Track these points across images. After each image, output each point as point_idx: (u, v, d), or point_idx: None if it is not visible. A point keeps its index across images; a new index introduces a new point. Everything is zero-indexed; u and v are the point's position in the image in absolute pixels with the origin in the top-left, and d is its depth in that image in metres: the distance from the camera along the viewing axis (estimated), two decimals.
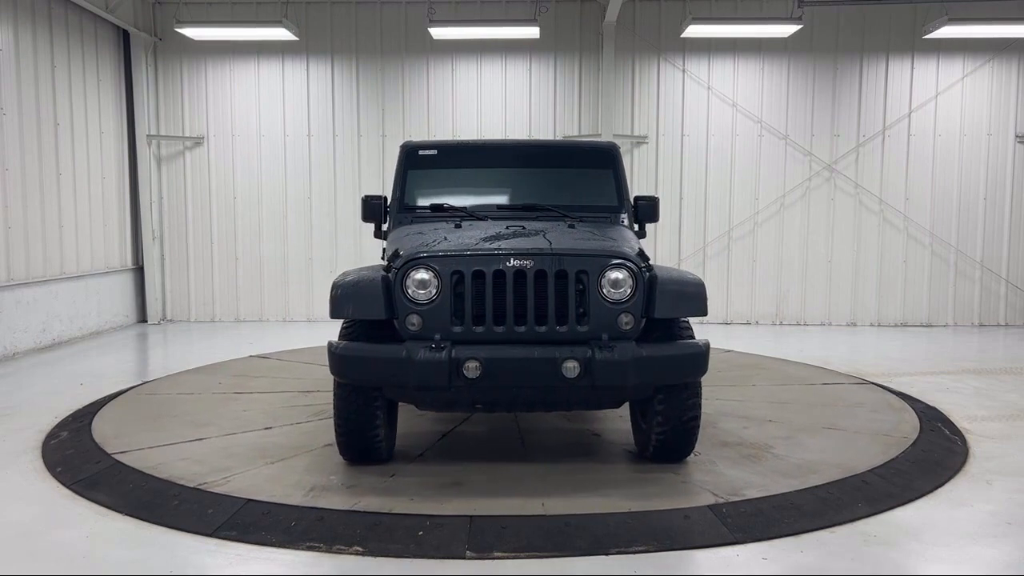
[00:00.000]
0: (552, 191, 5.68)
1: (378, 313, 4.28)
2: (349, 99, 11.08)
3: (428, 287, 4.27)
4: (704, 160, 11.05)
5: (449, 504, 4.20)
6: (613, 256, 4.37)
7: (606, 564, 3.62)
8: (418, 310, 4.25)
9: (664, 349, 4.36)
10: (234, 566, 3.61)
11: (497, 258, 4.27)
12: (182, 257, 11.32)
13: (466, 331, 4.25)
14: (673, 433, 4.66)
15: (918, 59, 10.89)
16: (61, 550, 3.76)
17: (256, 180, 11.19)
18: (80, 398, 6.58)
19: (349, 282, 4.43)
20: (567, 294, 4.29)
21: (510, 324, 4.26)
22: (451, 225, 5.05)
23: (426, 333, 4.23)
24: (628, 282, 4.33)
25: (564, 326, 4.28)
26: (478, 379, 4.10)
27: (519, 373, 4.16)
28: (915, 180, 11.02)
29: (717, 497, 4.30)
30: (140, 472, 4.68)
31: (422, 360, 4.08)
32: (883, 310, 11.15)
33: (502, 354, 4.15)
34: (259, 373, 7.40)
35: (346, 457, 4.78)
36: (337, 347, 4.27)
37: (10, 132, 8.60)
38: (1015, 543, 3.88)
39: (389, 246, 5.14)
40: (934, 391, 6.98)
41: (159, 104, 11.13)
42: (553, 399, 4.46)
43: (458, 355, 4.10)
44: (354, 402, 4.47)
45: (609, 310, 4.30)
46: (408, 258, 4.32)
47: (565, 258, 4.31)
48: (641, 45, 10.93)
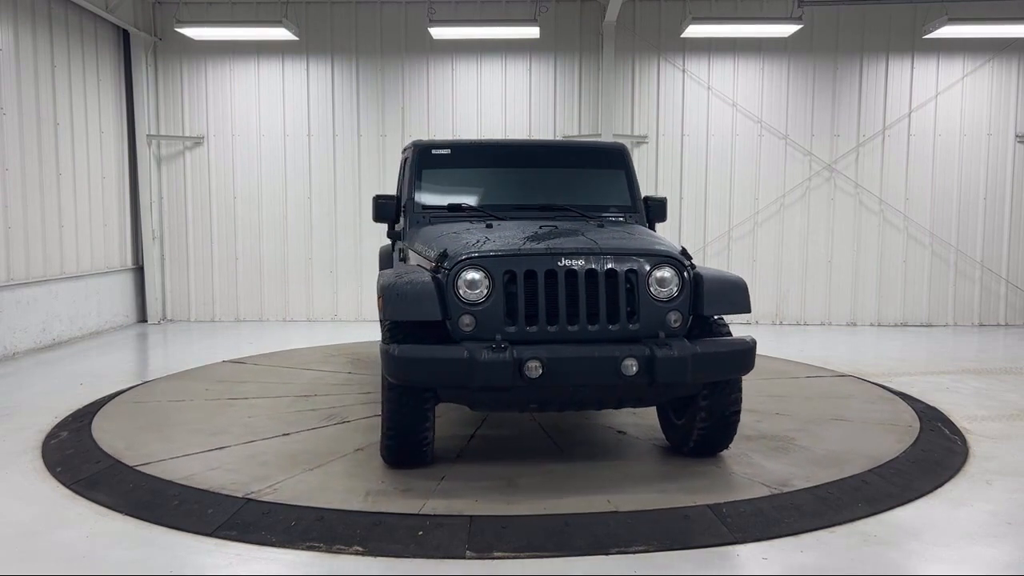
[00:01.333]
0: (565, 191, 5.72)
1: (433, 314, 4.24)
2: (349, 99, 11.08)
3: (480, 287, 4.27)
4: (704, 160, 11.05)
5: (520, 504, 4.18)
6: (660, 255, 4.45)
7: (606, 564, 3.62)
8: (471, 310, 4.25)
9: (717, 346, 4.39)
10: (234, 566, 3.61)
11: (549, 258, 4.31)
12: (182, 257, 11.32)
13: (519, 331, 4.26)
14: (715, 427, 4.73)
15: (918, 59, 10.89)
16: (61, 550, 3.76)
17: (256, 180, 11.19)
18: (80, 398, 6.58)
19: (402, 283, 4.35)
20: (617, 293, 4.33)
21: (563, 323, 4.28)
22: (482, 224, 5.05)
23: (479, 333, 4.23)
24: (675, 280, 4.42)
25: (615, 324, 4.33)
26: (539, 378, 4.09)
27: (579, 372, 4.16)
28: (915, 180, 11.02)
29: (771, 488, 4.42)
30: (142, 473, 4.67)
31: (486, 360, 4.05)
32: (883, 310, 11.15)
33: (563, 353, 4.14)
34: (242, 378, 7.18)
35: (391, 461, 4.68)
36: (395, 349, 4.14)
37: (10, 132, 8.60)
38: (1015, 543, 3.88)
39: (417, 246, 5.08)
40: (934, 391, 6.98)
41: (159, 104, 11.13)
42: (609, 397, 4.47)
43: (520, 355, 4.08)
44: (406, 404, 4.38)
45: (658, 308, 4.38)
46: (460, 258, 4.29)
47: (615, 257, 4.37)
48: (641, 45, 10.93)
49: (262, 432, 5.47)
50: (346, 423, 5.68)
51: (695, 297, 4.45)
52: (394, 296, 4.27)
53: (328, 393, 6.51)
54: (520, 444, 5.32)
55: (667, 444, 5.21)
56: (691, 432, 4.81)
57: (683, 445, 4.95)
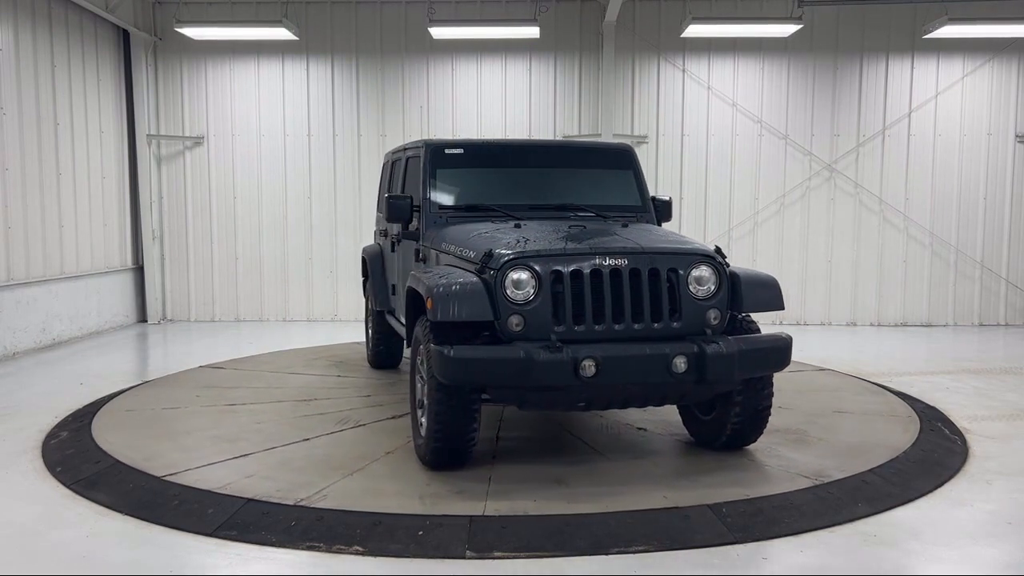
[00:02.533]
0: (577, 191, 5.79)
1: (485, 315, 4.25)
2: (349, 99, 11.08)
3: (527, 287, 4.30)
4: (704, 160, 11.04)
5: (587, 503, 4.18)
6: (699, 253, 4.55)
7: (606, 564, 3.62)
8: (520, 310, 4.28)
9: (759, 342, 4.49)
10: (234, 566, 3.61)
11: (593, 257, 4.37)
12: (182, 257, 11.32)
13: (568, 330, 4.29)
14: (749, 422, 4.84)
15: (918, 59, 10.89)
16: (61, 550, 3.76)
17: (256, 180, 11.19)
18: (80, 398, 6.58)
19: (450, 284, 4.33)
20: (660, 292, 4.42)
21: (609, 322, 4.34)
22: (508, 224, 5.08)
23: (529, 333, 4.26)
24: (713, 279, 4.52)
25: (659, 323, 4.40)
26: (593, 377, 4.13)
27: (632, 370, 4.21)
28: (915, 180, 11.02)
29: (813, 480, 4.54)
30: (143, 473, 4.66)
31: (545, 360, 4.07)
32: (883, 310, 11.15)
33: (616, 352, 4.18)
34: (230, 383, 6.94)
35: (433, 463, 4.62)
36: (451, 350, 4.11)
37: (10, 132, 8.60)
38: (1015, 543, 3.88)
39: (446, 246, 5.06)
40: (934, 391, 6.98)
41: (159, 104, 11.13)
42: (656, 395, 4.50)
43: (576, 354, 4.11)
44: (455, 405, 4.36)
45: (698, 306, 4.47)
46: (508, 258, 4.32)
47: (657, 256, 4.45)
48: (641, 45, 10.93)
49: (279, 438, 5.32)
50: (362, 426, 5.61)
51: (732, 295, 4.57)
52: (444, 296, 4.26)
53: (328, 397, 6.45)
54: (548, 444, 5.31)
55: (689, 439, 5.30)
56: (724, 427, 4.89)
57: (714, 440, 5.04)
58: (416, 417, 4.89)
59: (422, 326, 4.59)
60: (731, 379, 4.39)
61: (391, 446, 5.16)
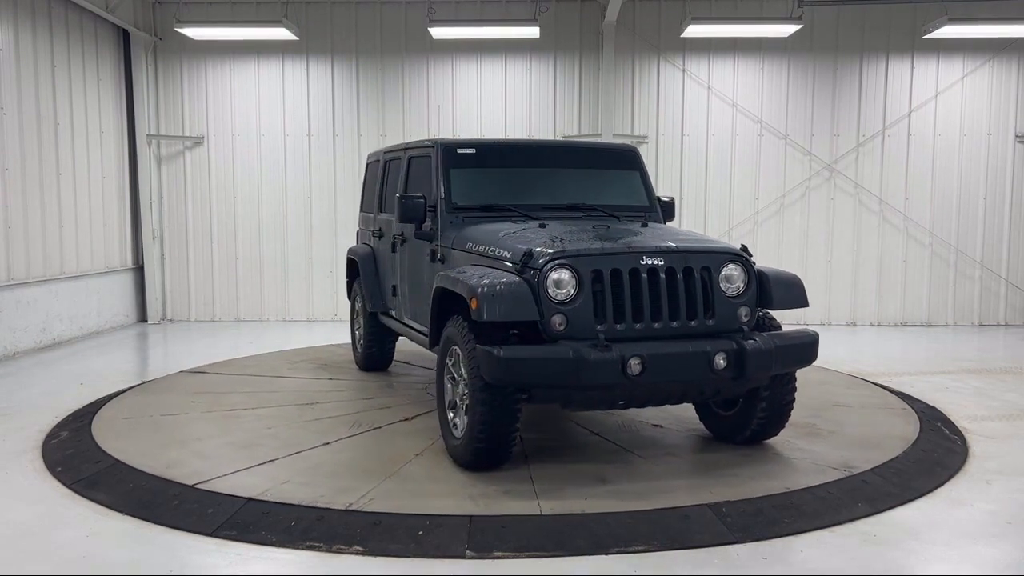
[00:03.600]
0: (587, 191, 5.84)
1: (531, 314, 4.28)
2: (349, 99, 11.08)
3: (568, 287, 4.34)
4: (704, 160, 11.04)
5: (635, 500, 4.22)
6: (728, 252, 4.66)
7: (606, 564, 3.62)
8: (562, 310, 4.31)
9: (792, 338, 4.60)
10: (234, 566, 3.61)
11: (632, 256, 4.44)
12: (182, 257, 11.32)
13: (609, 329, 4.33)
14: (774, 416, 4.95)
15: (918, 59, 10.89)
16: (61, 550, 3.76)
17: (256, 180, 11.19)
18: (80, 398, 6.58)
19: (494, 284, 4.33)
20: (695, 290, 4.50)
21: (648, 321, 4.40)
22: (533, 224, 5.12)
23: (571, 332, 4.29)
24: (742, 277, 4.63)
25: (694, 320, 4.49)
26: (639, 375, 4.18)
27: (676, 368, 4.28)
28: (915, 180, 11.02)
29: (844, 471, 4.66)
30: (143, 473, 4.66)
31: (596, 360, 4.10)
32: (883, 310, 11.15)
33: (661, 350, 4.25)
34: (221, 388, 6.71)
35: (474, 463, 4.60)
36: (501, 350, 4.12)
37: (10, 132, 8.60)
38: (1015, 543, 3.89)
39: (472, 245, 5.05)
40: (934, 391, 6.98)
41: (159, 104, 11.13)
42: (694, 392, 4.59)
43: (623, 353, 4.15)
44: (500, 405, 4.36)
45: (730, 304, 4.58)
46: (550, 258, 4.34)
47: (690, 255, 4.55)
48: (641, 45, 10.93)
49: (298, 443, 5.19)
50: (377, 429, 5.52)
51: (760, 293, 4.68)
52: (490, 297, 4.26)
53: (329, 400, 6.34)
54: (572, 443, 5.31)
55: (706, 434, 5.40)
56: (749, 422, 4.99)
57: (736, 435, 5.13)
58: (446, 418, 4.87)
59: (457, 327, 4.58)
60: (768, 374, 4.53)
61: (417, 448, 5.11)
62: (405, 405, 6.19)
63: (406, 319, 6.35)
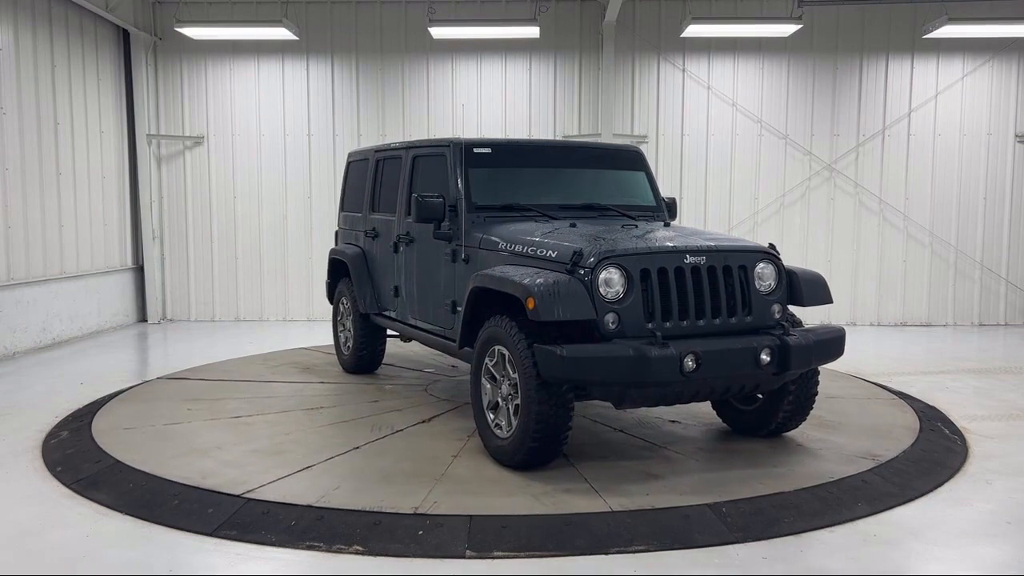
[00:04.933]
0: (598, 191, 5.93)
1: (588, 313, 4.31)
2: (349, 99, 11.08)
3: (618, 286, 4.40)
4: (704, 160, 11.04)
5: (700, 495, 4.29)
6: (760, 251, 4.81)
7: (606, 563, 3.62)
8: (613, 308, 4.37)
9: (824, 333, 4.76)
10: (234, 566, 3.61)
11: (677, 255, 4.53)
12: (182, 257, 11.32)
13: (658, 326, 4.41)
14: (799, 408, 5.12)
15: (918, 59, 10.89)
16: (61, 550, 3.76)
17: (256, 179, 11.18)
18: (80, 397, 6.58)
19: (550, 284, 4.34)
20: (734, 287, 4.63)
21: (693, 318, 4.50)
22: (563, 223, 5.18)
23: (624, 331, 4.36)
24: (774, 275, 4.79)
25: (734, 317, 4.61)
26: (693, 372, 4.26)
27: (726, 364, 4.38)
28: (915, 180, 11.02)
29: (873, 460, 4.86)
30: (143, 473, 4.66)
31: (657, 357, 4.16)
32: (883, 309, 11.15)
33: (713, 347, 4.35)
34: (213, 395, 6.45)
35: (525, 462, 4.59)
36: (563, 350, 4.17)
37: (10, 132, 8.60)
38: (1015, 542, 3.89)
39: (507, 244, 5.03)
40: (934, 391, 6.98)
41: (159, 104, 11.13)
42: (737, 387, 4.67)
43: (680, 350, 4.23)
44: (556, 404, 4.40)
45: (765, 301, 4.72)
46: (602, 257, 4.40)
47: (729, 254, 4.67)
48: (641, 45, 10.93)
49: (327, 448, 5.05)
50: (400, 432, 5.43)
51: (790, 290, 4.85)
52: (548, 296, 4.28)
53: (333, 405, 6.19)
54: (602, 439, 5.31)
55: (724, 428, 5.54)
56: (774, 415, 5.13)
57: (760, 428, 5.27)
58: (486, 419, 4.85)
59: (503, 326, 4.59)
60: (807, 368, 4.70)
61: (451, 450, 5.06)
62: (415, 407, 6.11)
63: (412, 320, 6.27)
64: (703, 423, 5.70)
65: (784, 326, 4.67)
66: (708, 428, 5.60)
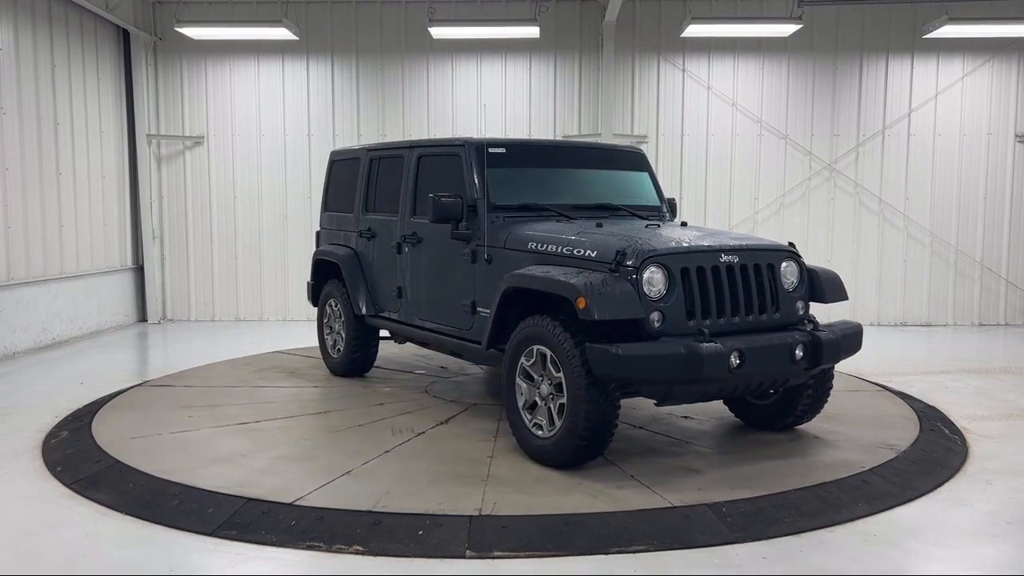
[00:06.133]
0: (607, 191, 5.99)
1: (637, 312, 4.37)
2: (349, 99, 11.08)
3: (661, 284, 4.49)
4: (704, 160, 11.04)
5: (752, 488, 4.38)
6: (784, 249, 4.97)
7: (606, 563, 3.62)
8: (658, 307, 4.45)
9: (849, 329, 4.97)
10: (234, 566, 3.61)
11: (713, 254, 4.64)
12: (182, 256, 11.31)
13: (698, 324, 4.51)
14: (816, 402, 5.28)
15: (918, 59, 10.89)
16: (61, 550, 3.76)
17: (256, 179, 11.18)
18: (80, 397, 6.58)
19: (603, 283, 4.38)
20: (763, 285, 4.77)
21: (729, 316, 4.61)
22: (589, 223, 5.24)
23: (667, 329, 4.44)
24: (796, 273, 4.95)
25: (764, 314, 4.74)
26: (737, 368, 4.37)
27: (766, 360, 4.51)
28: (915, 180, 11.02)
29: (894, 450, 5.06)
30: (143, 473, 4.64)
31: (709, 354, 4.24)
32: (883, 309, 11.15)
33: (755, 343, 4.47)
34: (209, 402, 6.22)
35: (572, 460, 4.60)
36: (619, 348, 4.22)
37: (10, 132, 8.59)
38: (1015, 542, 3.89)
39: (537, 245, 5.04)
40: (934, 390, 6.98)
41: (159, 103, 11.13)
42: (770, 382, 4.80)
43: (727, 347, 4.33)
44: (604, 402, 4.44)
45: (790, 298, 4.87)
46: (646, 257, 4.48)
47: (758, 252, 4.81)
48: (641, 45, 10.93)
49: (357, 453, 4.94)
50: (423, 435, 5.37)
51: (811, 287, 5.01)
52: (600, 296, 4.33)
53: (340, 408, 6.05)
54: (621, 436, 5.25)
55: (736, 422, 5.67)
56: (793, 409, 5.27)
57: (776, 422, 5.41)
58: (523, 419, 4.85)
59: (544, 325, 4.60)
60: (835, 363, 4.90)
61: (483, 450, 5.04)
62: (423, 409, 6.02)
63: (419, 321, 6.16)
64: (715, 418, 5.79)
65: (814, 322, 4.84)
66: (721, 423, 5.70)
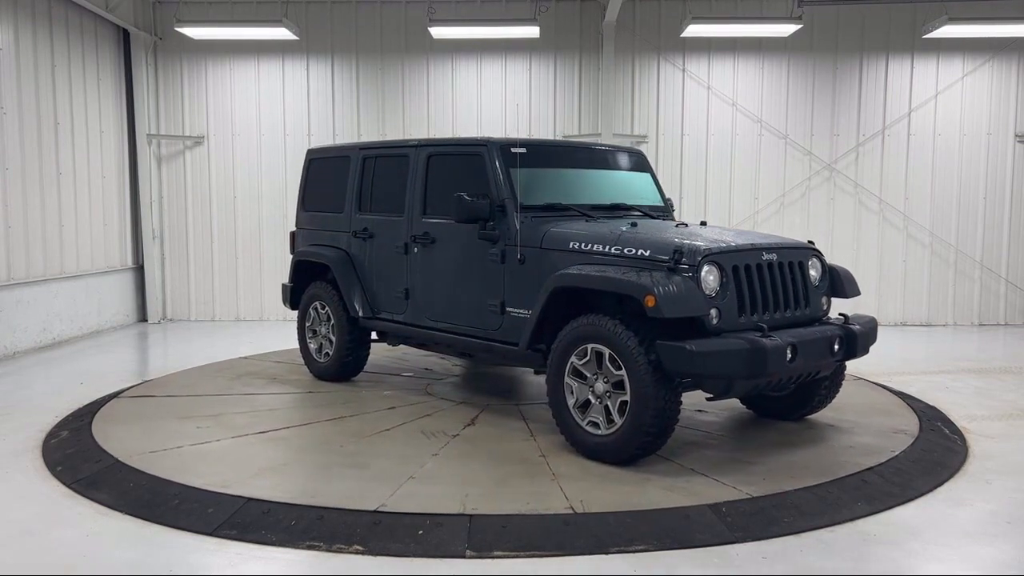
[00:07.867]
0: (619, 191, 6.12)
1: (701, 309, 4.51)
2: (349, 99, 11.08)
3: (716, 282, 4.64)
4: (704, 160, 11.04)
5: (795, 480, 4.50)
6: (809, 248, 5.26)
7: (606, 564, 3.62)
8: (715, 304, 4.61)
9: (868, 323, 5.25)
10: (234, 565, 3.61)
11: (757, 252, 4.87)
12: (182, 256, 11.31)
13: (747, 320, 4.69)
14: (830, 392, 5.57)
15: (918, 59, 10.89)
16: (61, 550, 3.76)
17: (256, 179, 11.18)
18: (80, 397, 6.57)
19: (668, 281, 4.47)
20: (796, 281, 5.02)
21: (772, 311, 4.84)
22: (621, 222, 5.40)
23: (723, 325, 4.60)
24: (820, 269, 5.25)
25: (798, 309, 5.00)
26: (790, 361, 4.55)
27: (812, 353, 4.73)
28: (915, 179, 11.02)
29: (911, 436, 5.38)
30: (142, 473, 4.65)
31: (772, 349, 4.41)
32: (883, 309, 11.14)
33: (803, 337, 4.68)
34: (209, 411, 5.93)
35: (636, 456, 4.67)
36: (693, 344, 4.35)
37: (10, 132, 8.59)
38: (1015, 542, 3.89)
39: (580, 244, 5.06)
40: (934, 390, 6.98)
41: (159, 103, 11.13)
42: (808, 374, 4.98)
43: (784, 341, 4.52)
44: (671, 397, 4.55)
45: (816, 293, 5.15)
46: (703, 255, 4.62)
47: (790, 251, 5.08)
48: (641, 45, 10.93)
49: (410, 459, 4.84)
50: (457, 436, 5.31)
51: (832, 284, 5.31)
52: (667, 294, 4.43)
53: (353, 414, 5.87)
54: None
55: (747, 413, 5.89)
56: (810, 399, 5.53)
57: (792, 413, 5.65)
58: (573, 419, 4.88)
59: (600, 323, 4.66)
60: (864, 355, 5.16)
61: (531, 449, 5.03)
62: (439, 411, 5.94)
63: (429, 322, 6.06)
64: (726, 410, 5.96)
65: (846, 316, 5.13)
66: (733, 415, 5.89)
